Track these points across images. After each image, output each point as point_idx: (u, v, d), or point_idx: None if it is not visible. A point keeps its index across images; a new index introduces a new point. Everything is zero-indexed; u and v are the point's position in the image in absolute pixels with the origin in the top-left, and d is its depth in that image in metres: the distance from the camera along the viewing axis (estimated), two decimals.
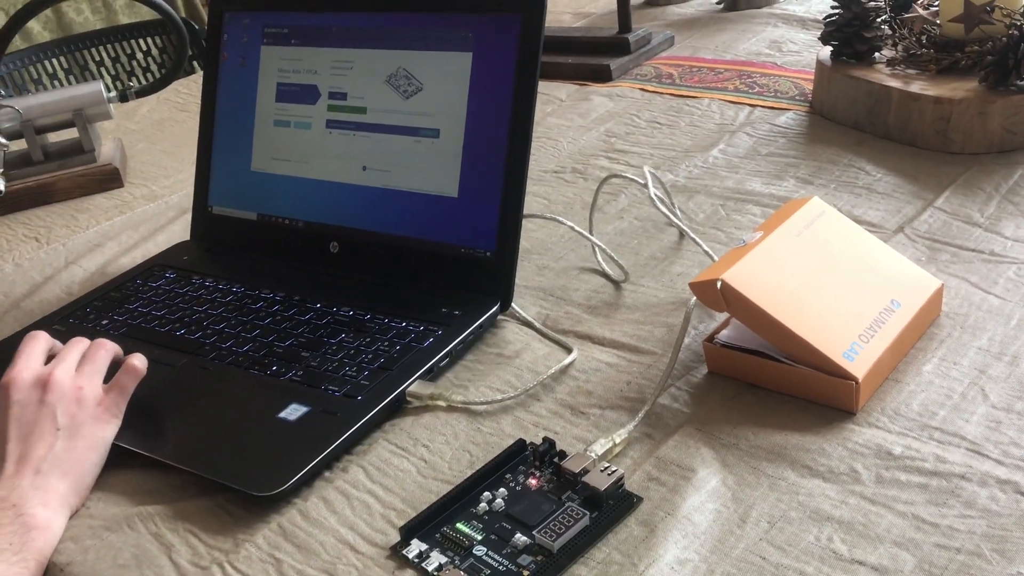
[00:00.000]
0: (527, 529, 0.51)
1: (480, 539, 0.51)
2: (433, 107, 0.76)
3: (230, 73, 0.87)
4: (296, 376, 0.66)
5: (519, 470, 0.56)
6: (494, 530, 0.52)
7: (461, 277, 0.74)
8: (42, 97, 1.11)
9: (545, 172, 0.98)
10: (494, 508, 0.53)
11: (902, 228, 0.78)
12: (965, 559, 0.47)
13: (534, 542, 0.50)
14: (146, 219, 1.02)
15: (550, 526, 0.50)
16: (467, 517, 0.53)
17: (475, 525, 0.52)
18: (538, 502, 0.53)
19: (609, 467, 0.53)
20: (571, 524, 0.50)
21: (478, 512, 0.53)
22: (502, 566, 0.49)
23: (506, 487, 0.54)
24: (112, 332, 0.75)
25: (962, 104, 0.86)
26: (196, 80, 1.49)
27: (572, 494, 0.53)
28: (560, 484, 0.54)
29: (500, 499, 0.53)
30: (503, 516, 0.52)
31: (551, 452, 0.56)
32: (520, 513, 0.52)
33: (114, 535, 0.56)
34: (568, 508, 0.51)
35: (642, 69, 1.25)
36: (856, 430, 0.56)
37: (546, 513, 0.52)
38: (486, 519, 0.52)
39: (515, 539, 0.50)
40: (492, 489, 0.54)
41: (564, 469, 0.54)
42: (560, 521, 0.50)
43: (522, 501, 0.53)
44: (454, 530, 0.52)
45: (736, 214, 0.84)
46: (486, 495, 0.54)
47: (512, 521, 0.52)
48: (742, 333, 0.62)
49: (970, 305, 0.66)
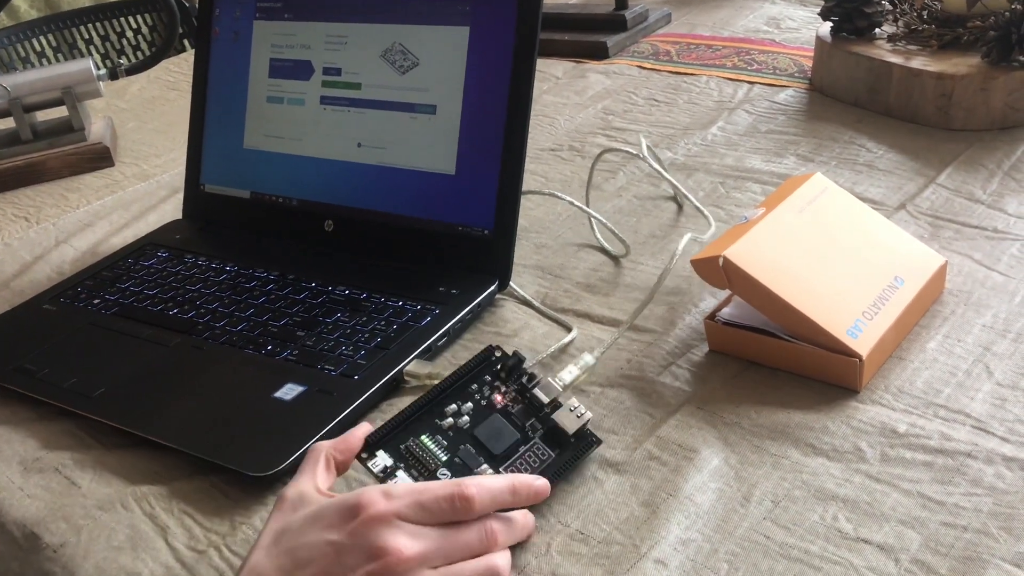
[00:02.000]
0: (491, 457, 0.51)
1: (444, 460, 0.51)
2: (430, 82, 0.74)
3: (222, 48, 0.86)
4: (292, 355, 0.65)
5: (484, 381, 0.55)
6: (458, 452, 0.51)
7: (459, 255, 0.73)
8: (30, 75, 1.09)
9: (542, 150, 0.97)
10: (459, 424, 0.53)
11: (904, 205, 0.77)
12: (972, 537, 0.46)
13: None
14: (137, 198, 1.00)
15: (516, 464, 0.51)
16: (432, 430, 0.52)
17: (439, 441, 0.52)
18: (501, 427, 0.53)
19: (579, 408, 0.54)
20: (537, 465, 0.51)
21: (443, 426, 0.52)
22: None
23: (472, 401, 0.54)
24: (104, 312, 0.74)
25: (964, 80, 0.85)
26: (187, 58, 1.47)
27: (536, 423, 0.53)
28: (525, 409, 0.54)
29: (465, 415, 0.53)
30: (467, 436, 0.52)
31: (518, 369, 0.55)
32: (485, 437, 0.52)
33: (107, 515, 0.55)
34: (535, 446, 0.52)
35: (639, 46, 1.23)
36: (860, 408, 0.55)
37: (509, 443, 0.52)
38: (451, 435, 0.52)
39: (480, 469, 0.51)
40: (458, 401, 0.53)
41: (534, 397, 0.54)
42: (526, 460, 0.51)
43: (486, 423, 0.53)
44: (419, 445, 0.51)
45: (736, 192, 0.83)
46: (451, 407, 0.53)
47: (477, 445, 0.52)
48: (744, 311, 0.61)
49: (974, 282, 0.65)
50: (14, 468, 0.60)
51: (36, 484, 0.59)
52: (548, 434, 0.53)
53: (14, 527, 0.56)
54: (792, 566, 0.46)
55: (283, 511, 0.47)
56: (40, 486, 0.58)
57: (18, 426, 0.64)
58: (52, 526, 0.55)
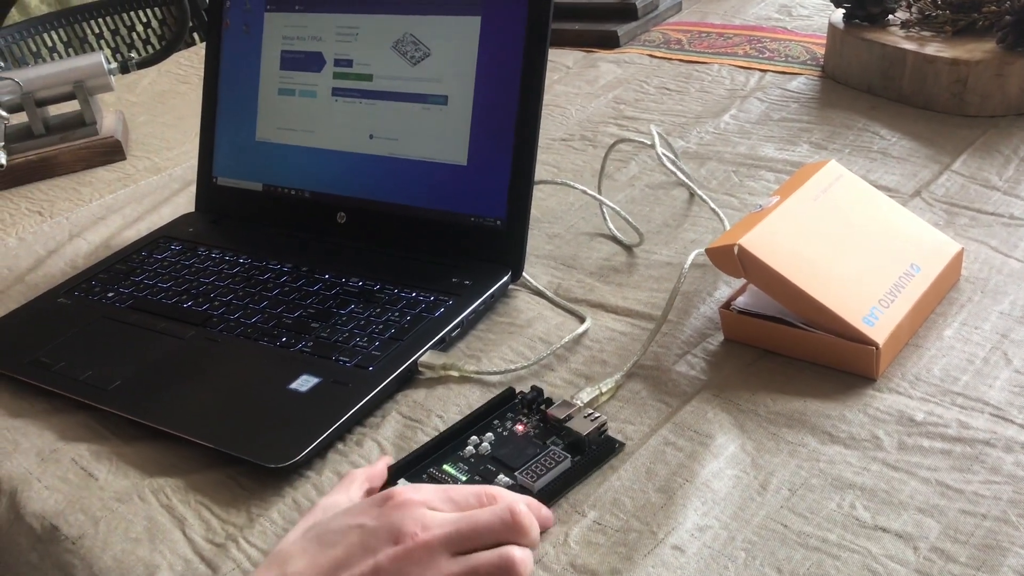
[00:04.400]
0: (510, 471, 0.52)
1: (464, 480, 0.52)
2: (441, 73, 0.74)
3: (233, 41, 0.86)
4: (306, 347, 0.65)
5: (507, 416, 0.57)
6: (479, 471, 0.53)
7: (471, 246, 0.73)
8: (42, 69, 1.09)
9: (553, 140, 0.97)
10: (480, 452, 0.54)
11: (919, 192, 0.76)
12: (992, 525, 0.46)
13: (515, 482, 0.51)
14: (150, 191, 1.00)
15: (531, 467, 0.52)
16: (454, 460, 0.54)
17: (460, 467, 0.53)
18: (522, 446, 0.54)
19: (593, 413, 0.54)
20: (552, 466, 0.52)
21: (464, 455, 0.54)
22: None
23: (493, 432, 0.55)
24: (119, 305, 0.75)
25: (979, 66, 0.84)
26: (197, 52, 1.48)
27: (556, 439, 0.54)
28: (545, 430, 0.55)
29: (487, 443, 0.54)
30: (488, 459, 0.53)
31: (539, 400, 0.57)
32: (505, 456, 0.53)
33: (125, 506, 0.55)
34: (551, 451, 0.53)
35: (650, 35, 1.23)
36: (877, 396, 0.55)
37: (529, 456, 0.53)
38: (472, 461, 0.53)
39: (497, 479, 0.52)
40: (480, 434, 0.55)
41: (549, 415, 0.55)
42: (542, 463, 0.52)
43: (507, 445, 0.54)
44: (440, 471, 0.53)
45: (749, 180, 0.83)
46: (473, 439, 0.55)
47: (497, 463, 0.53)
48: (759, 299, 0.61)
49: (990, 269, 0.65)
50: (32, 460, 0.60)
51: (54, 476, 0.59)
52: (568, 447, 0.54)
53: (33, 519, 0.56)
54: (810, 555, 0.46)
55: (314, 514, 0.49)
56: (58, 478, 0.59)
57: (35, 418, 0.64)
58: (71, 518, 0.56)
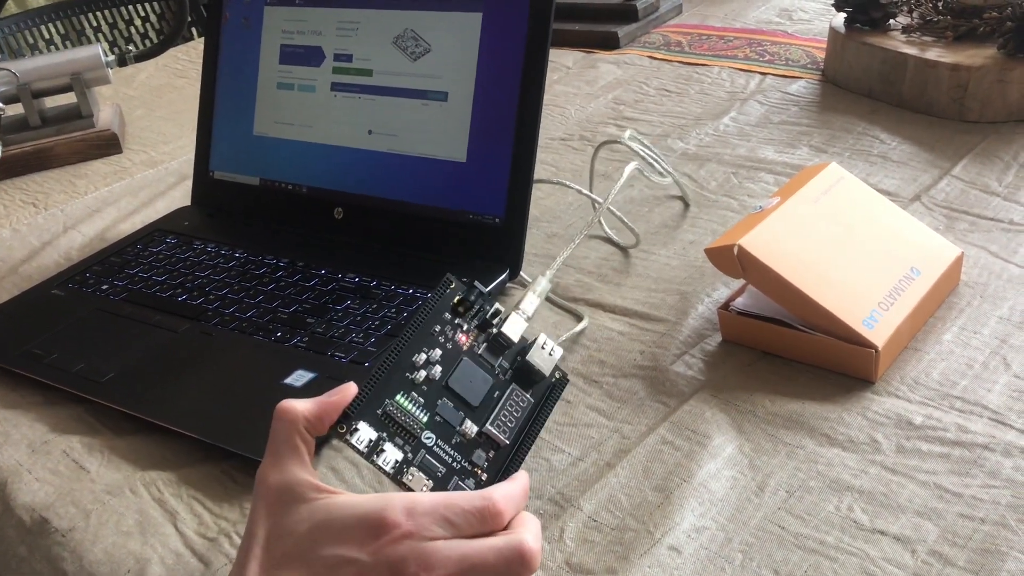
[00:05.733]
0: (471, 411, 0.49)
1: (425, 421, 0.48)
2: (441, 69, 0.74)
3: (232, 34, 0.85)
4: (301, 342, 0.65)
5: (445, 320, 0.51)
6: (437, 409, 0.48)
7: (469, 244, 0.72)
8: (39, 60, 1.09)
9: (552, 139, 0.97)
10: (432, 376, 0.49)
11: (919, 197, 0.76)
12: (990, 529, 0.46)
13: (483, 433, 0.48)
14: (146, 185, 1.00)
15: (500, 417, 0.49)
16: (406, 387, 0.48)
17: (416, 399, 0.48)
18: (473, 373, 0.50)
19: (548, 344, 0.51)
20: (519, 413, 0.49)
21: (416, 381, 0.49)
22: (456, 462, 0.47)
23: (438, 346, 0.50)
24: (113, 297, 0.74)
25: (980, 72, 0.84)
26: (195, 46, 1.47)
27: (503, 361, 0.51)
28: (490, 347, 0.51)
29: (436, 364, 0.49)
30: (442, 389, 0.49)
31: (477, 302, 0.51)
32: (461, 389, 0.49)
33: (116, 500, 0.55)
34: (513, 394, 0.50)
35: (650, 37, 1.23)
36: (875, 399, 0.55)
37: (485, 390, 0.49)
38: (426, 390, 0.49)
39: (464, 427, 0.48)
40: (424, 348, 0.49)
41: (502, 336, 0.51)
42: (508, 412, 0.49)
43: (459, 372, 0.49)
44: (397, 408, 0.47)
45: (749, 182, 0.82)
46: (420, 357, 0.49)
47: (453, 397, 0.49)
48: (758, 300, 0.60)
49: (990, 274, 0.65)
50: (23, 452, 0.60)
51: (44, 468, 0.58)
52: (517, 374, 0.51)
53: (23, 511, 0.56)
54: (807, 557, 0.46)
55: (271, 503, 0.43)
56: (48, 470, 0.58)
57: (26, 410, 0.64)
58: (61, 510, 0.55)
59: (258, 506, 0.43)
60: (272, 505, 0.43)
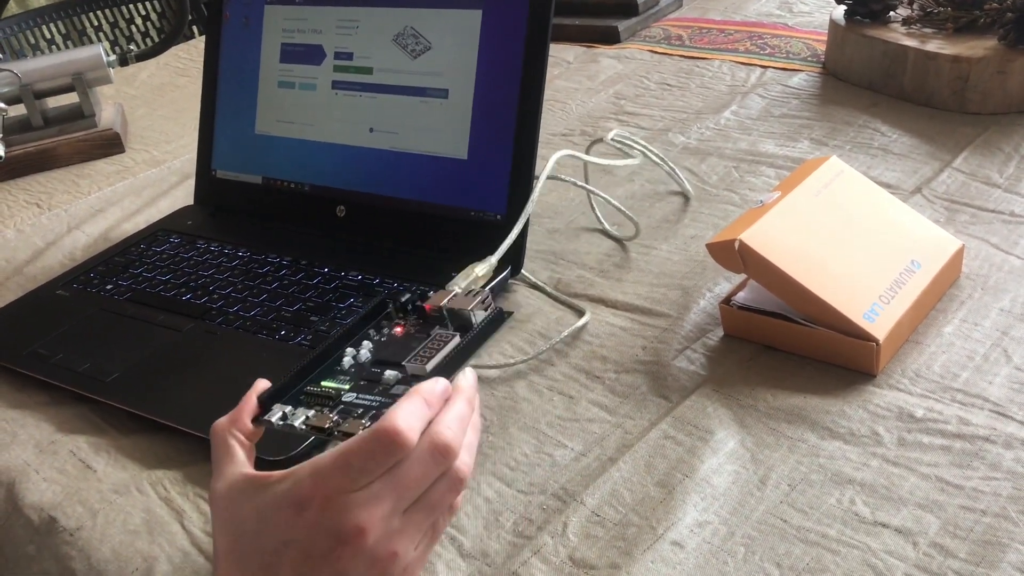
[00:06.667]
0: (398, 367, 0.48)
1: (348, 387, 0.47)
2: (442, 67, 0.74)
3: (233, 33, 0.85)
4: (305, 340, 0.65)
5: (382, 325, 0.52)
6: (363, 377, 0.48)
7: (471, 241, 0.72)
8: (41, 61, 1.09)
9: (553, 135, 0.97)
10: (360, 360, 0.49)
11: (919, 189, 0.76)
12: (991, 521, 0.46)
13: (406, 373, 0.47)
14: (148, 184, 1.00)
15: (420, 354, 0.48)
16: (332, 375, 0.48)
17: (341, 379, 0.48)
18: (406, 342, 0.50)
19: (472, 291, 0.52)
20: (441, 347, 0.48)
21: (343, 367, 0.49)
22: (375, 401, 0.46)
23: (371, 341, 0.51)
24: (117, 297, 0.74)
25: (981, 63, 0.84)
26: (196, 45, 1.47)
27: (440, 328, 0.50)
28: (427, 323, 0.51)
29: (366, 351, 0.50)
30: (371, 364, 0.49)
31: (413, 298, 0.52)
32: (389, 355, 0.49)
33: (123, 499, 0.55)
34: (437, 335, 0.49)
35: (650, 31, 1.23)
36: (877, 392, 0.55)
37: (414, 348, 0.49)
38: (353, 371, 0.49)
39: (385, 377, 0.47)
40: (356, 346, 0.50)
41: (428, 309, 0.51)
42: (429, 348, 0.48)
43: (389, 347, 0.50)
44: (319, 387, 0.48)
45: (750, 176, 0.82)
46: (350, 351, 0.50)
47: (381, 365, 0.48)
48: (759, 295, 0.61)
49: (991, 266, 0.65)
50: (30, 451, 0.60)
51: (52, 467, 0.59)
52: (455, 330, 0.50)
53: (31, 511, 0.56)
54: (809, 550, 0.46)
55: (222, 509, 0.44)
56: (56, 469, 0.58)
57: (33, 410, 0.64)
58: (69, 510, 0.55)
59: (214, 518, 0.44)
60: (223, 511, 0.44)
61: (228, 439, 0.46)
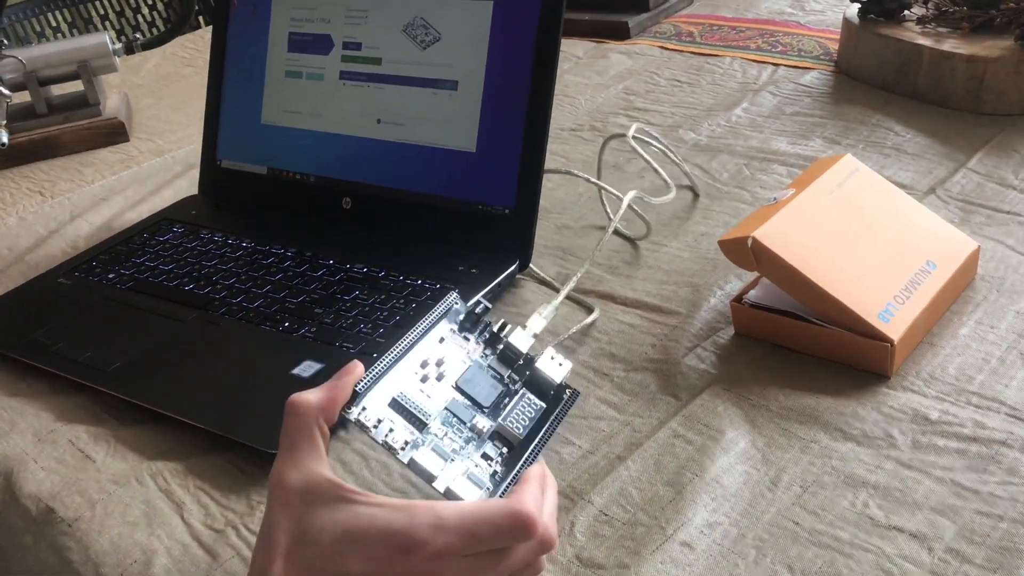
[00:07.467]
0: (481, 409, 0.48)
1: (434, 412, 0.47)
2: (451, 58, 0.73)
3: (240, 22, 0.84)
4: (309, 333, 0.64)
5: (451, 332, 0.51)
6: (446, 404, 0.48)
7: (478, 234, 0.71)
8: (46, 48, 1.08)
9: (563, 130, 0.96)
10: (440, 374, 0.49)
11: (934, 189, 0.75)
12: (1008, 527, 0.45)
13: (496, 431, 0.48)
14: (152, 173, 0.99)
15: (513, 414, 0.49)
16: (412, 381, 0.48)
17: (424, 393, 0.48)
18: (482, 377, 0.50)
19: (558, 356, 0.52)
20: (532, 414, 0.49)
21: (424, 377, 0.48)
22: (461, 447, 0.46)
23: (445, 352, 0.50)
24: (119, 286, 0.73)
25: (997, 63, 0.83)
26: (202, 35, 1.46)
27: (513, 374, 0.51)
28: (500, 359, 0.51)
29: (444, 366, 0.49)
30: (452, 388, 0.49)
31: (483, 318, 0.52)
32: (469, 388, 0.49)
33: (122, 490, 0.54)
34: (524, 396, 0.50)
35: (661, 27, 1.22)
36: (891, 394, 0.54)
37: (495, 396, 0.49)
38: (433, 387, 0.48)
39: (475, 421, 0.48)
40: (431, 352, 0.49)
41: (511, 347, 0.51)
42: (521, 411, 0.49)
43: (468, 372, 0.49)
44: (404, 398, 0.47)
45: (761, 174, 0.81)
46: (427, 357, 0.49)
47: (463, 395, 0.49)
48: (771, 293, 0.60)
49: (1007, 268, 0.64)
50: (29, 440, 0.59)
51: (50, 457, 0.58)
52: (527, 384, 0.51)
53: (28, 500, 0.55)
54: (822, 553, 0.45)
55: (292, 505, 0.40)
56: (54, 459, 0.58)
57: (32, 399, 0.63)
58: (67, 500, 0.54)
59: (276, 508, 0.41)
60: (294, 508, 0.40)
61: (314, 428, 0.42)
